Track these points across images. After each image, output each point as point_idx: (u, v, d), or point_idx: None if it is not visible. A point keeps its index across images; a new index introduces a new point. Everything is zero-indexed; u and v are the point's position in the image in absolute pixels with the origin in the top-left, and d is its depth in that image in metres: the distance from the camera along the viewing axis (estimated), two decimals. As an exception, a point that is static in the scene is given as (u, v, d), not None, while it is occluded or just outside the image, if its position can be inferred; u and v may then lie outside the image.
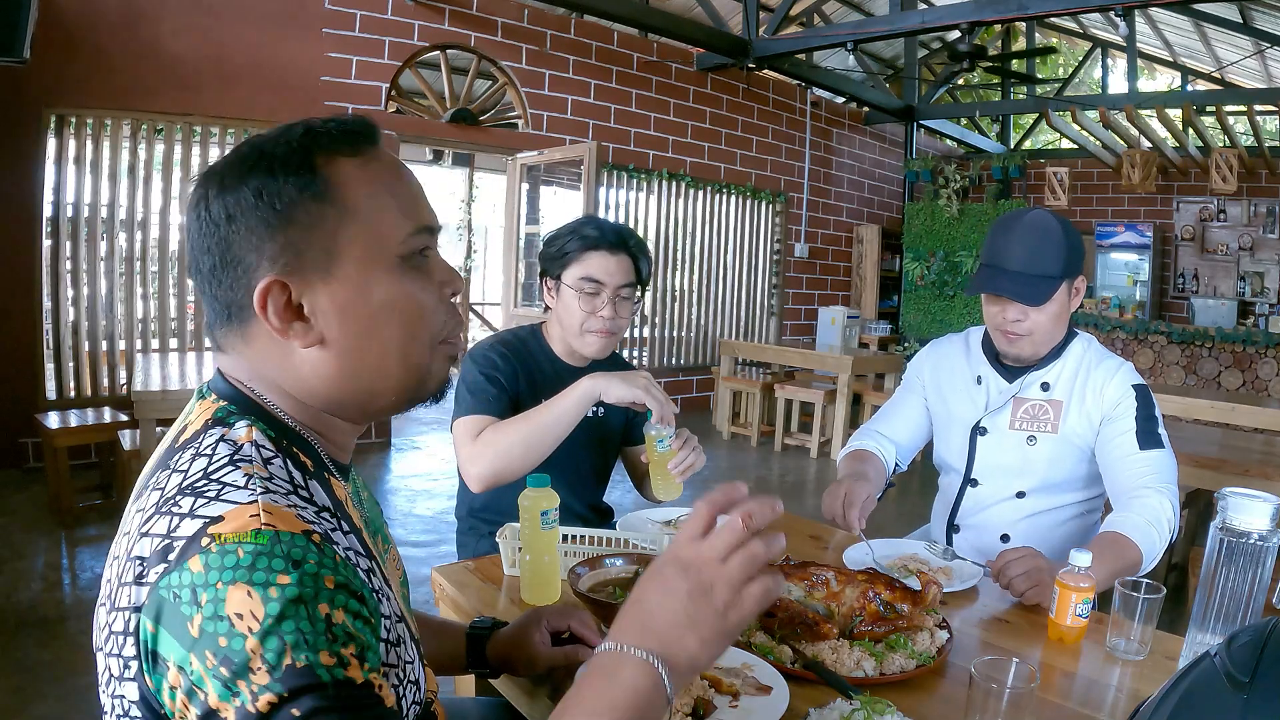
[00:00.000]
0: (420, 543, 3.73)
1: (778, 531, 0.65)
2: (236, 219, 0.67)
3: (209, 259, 0.69)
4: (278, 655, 0.54)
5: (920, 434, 1.86)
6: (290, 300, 0.68)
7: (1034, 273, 1.54)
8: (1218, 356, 5.95)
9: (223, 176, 0.68)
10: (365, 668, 0.58)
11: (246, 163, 0.68)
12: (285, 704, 0.54)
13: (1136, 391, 1.57)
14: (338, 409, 0.74)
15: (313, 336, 0.69)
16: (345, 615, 0.57)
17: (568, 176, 7.17)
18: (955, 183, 7.53)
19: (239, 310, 0.69)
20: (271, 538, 0.57)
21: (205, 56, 4.75)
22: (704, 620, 0.62)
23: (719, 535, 0.63)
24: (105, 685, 0.63)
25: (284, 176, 0.67)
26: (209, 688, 0.54)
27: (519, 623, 1.06)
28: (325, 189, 0.68)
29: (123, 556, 0.62)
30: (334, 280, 0.69)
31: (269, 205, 0.67)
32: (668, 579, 0.63)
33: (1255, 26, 7.52)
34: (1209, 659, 0.58)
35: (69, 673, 2.37)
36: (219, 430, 0.67)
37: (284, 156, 0.68)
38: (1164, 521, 1.42)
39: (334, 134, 0.70)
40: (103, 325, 4.71)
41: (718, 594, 0.62)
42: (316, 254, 0.68)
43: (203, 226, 0.68)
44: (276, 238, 0.67)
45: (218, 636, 0.54)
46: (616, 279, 1.65)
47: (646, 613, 0.63)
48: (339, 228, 0.69)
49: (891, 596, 1.11)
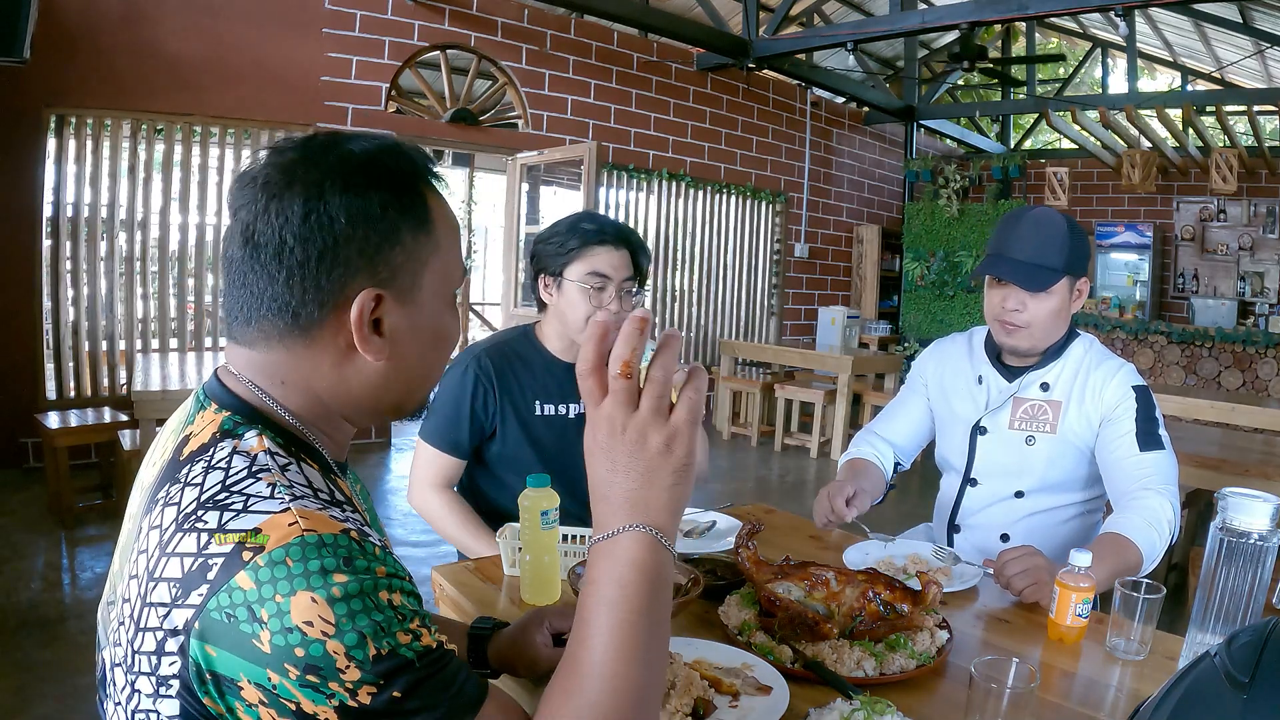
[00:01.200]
0: (420, 543, 3.73)
1: (668, 339, 0.64)
2: (358, 224, 0.68)
3: (304, 249, 0.67)
4: (361, 649, 0.57)
5: (922, 434, 1.87)
6: (374, 314, 0.70)
7: (1036, 262, 1.56)
8: (1218, 356, 5.95)
9: (346, 176, 0.68)
10: (432, 631, 0.62)
11: (371, 171, 0.69)
12: (384, 689, 0.57)
13: (1137, 393, 1.57)
14: (358, 415, 0.76)
15: (384, 353, 0.72)
16: (402, 596, 0.61)
17: (568, 176, 7.18)
18: (955, 183, 7.53)
19: (315, 308, 0.69)
20: (316, 541, 0.58)
21: (205, 56, 4.75)
22: (656, 468, 0.63)
23: (616, 389, 0.63)
24: (125, 701, 0.63)
25: (407, 199, 0.71)
26: (299, 696, 0.56)
27: (520, 624, 1.06)
28: (429, 221, 0.73)
29: (142, 575, 0.62)
30: (412, 304, 0.73)
31: (389, 221, 0.70)
32: (605, 453, 0.64)
33: (1255, 26, 7.52)
34: (1209, 659, 0.58)
35: (69, 673, 2.37)
36: (229, 442, 0.66)
37: (408, 179, 0.72)
38: (1164, 523, 1.42)
39: (431, 168, 0.75)
40: (103, 325, 4.71)
41: (652, 439, 0.63)
42: (407, 277, 0.72)
43: (310, 216, 0.67)
44: (386, 254, 0.70)
45: (293, 648, 0.56)
46: (620, 273, 1.66)
47: (606, 495, 0.64)
48: (429, 259, 0.73)
49: (891, 596, 1.11)
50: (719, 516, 1.67)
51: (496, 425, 1.70)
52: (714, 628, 1.17)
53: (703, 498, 4.62)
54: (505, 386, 1.70)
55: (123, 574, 0.66)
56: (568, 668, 0.62)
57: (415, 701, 0.58)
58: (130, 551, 0.66)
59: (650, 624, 0.62)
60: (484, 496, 1.77)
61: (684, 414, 0.64)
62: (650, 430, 0.63)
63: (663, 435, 0.63)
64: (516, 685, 1.10)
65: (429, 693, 0.59)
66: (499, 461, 1.73)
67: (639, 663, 0.61)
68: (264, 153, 0.71)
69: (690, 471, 0.65)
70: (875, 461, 1.81)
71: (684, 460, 0.64)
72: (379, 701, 0.57)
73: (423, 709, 0.58)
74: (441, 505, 1.68)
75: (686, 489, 0.65)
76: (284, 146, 0.71)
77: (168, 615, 0.59)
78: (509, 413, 1.69)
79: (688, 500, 0.66)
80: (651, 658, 0.62)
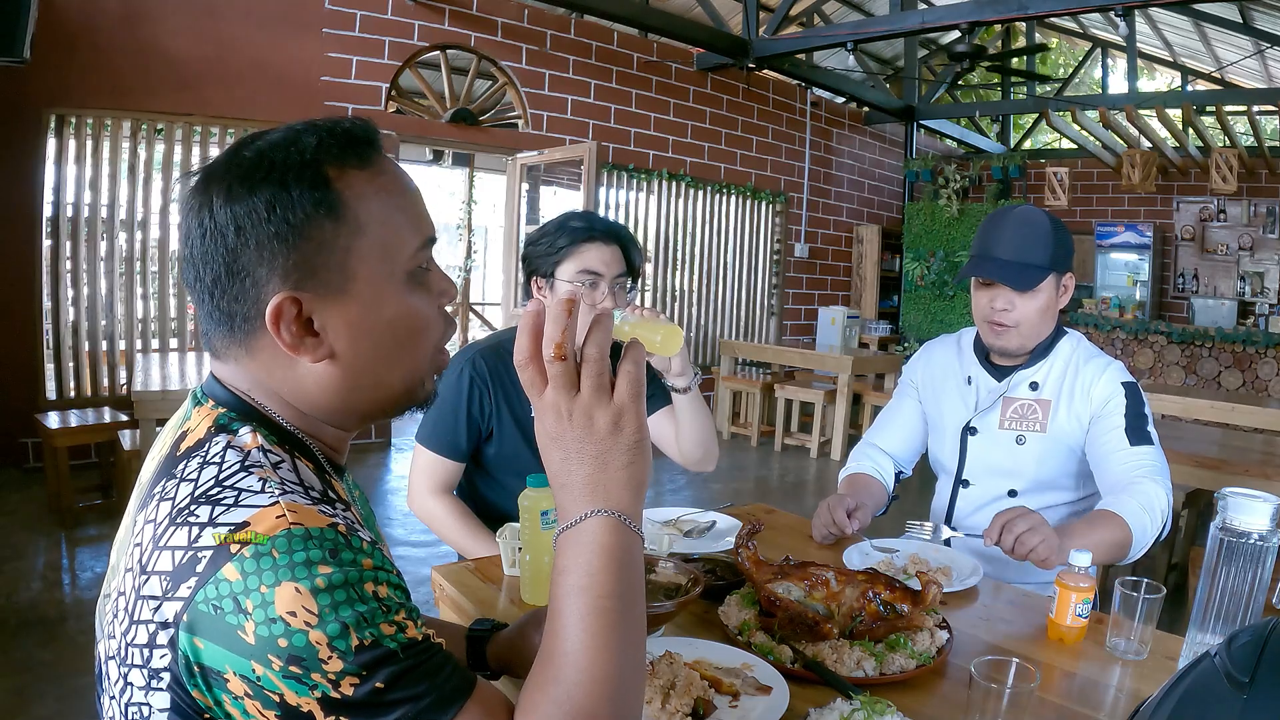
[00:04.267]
0: (420, 543, 3.73)
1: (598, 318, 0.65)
2: (246, 231, 0.65)
3: (211, 269, 0.66)
4: (344, 639, 0.56)
5: (918, 438, 1.87)
6: (300, 315, 0.67)
7: (1022, 261, 1.57)
8: (1218, 356, 5.95)
9: (229, 184, 0.65)
10: (419, 624, 0.61)
11: (256, 172, 0.65)
12: (366, 680, 0.56)
13: (1125, 389, 1.57)
14: (335, 418, 0.74)
15: (322, 352, 0.69)
16: (388, 589, 0.60)
17: (568, 176, 7.17)
18: (955, 183, 7.53)
19: (244, 322, 0.68)
20: (303, 534, 0.58)
21: (205, 56, 4.75)
22: (608, 449, 0.63)
23: (554, 373, 0.63)
24: (119, 694, 0.63)
25: (297, 190, 0.65)
26: (282, 688, 0.56)
27: (519, 624, 1.06)
28: (338, 205, 0.67)
29: (136, 569, 0.62)
30: (345, 297, 0.68)
31: (282, 219, 0.65)
32: (555, 441, 0.64)
33: (1255, 26, 7.52)
34: (1209, 659, 0.58)
35: (69, 673, 2.37)
36: (224, 437, 0.66)
37: (297, 169, 0.66)
38: (1158, 510, 1.41)
39: (343, 144, 0.68)
40: (103, 325, 4.71)
41: (599, 420, 0.63)
42: (329, 271, 0.67)
43: (205, 235, 0.65)
44: (289, 253, 0.66)
45: (276, 639, 0.55)
46: (613, 269, 1.64)
47: (565, 484, 0.64)
48: (352, 244, 0.68)
49: (891, 596, 1.11)
50: (719, 516, 1.67)
51: (493, 427, 1.70)
52: (714, 628, 1.17)
53: (703, 498, 4.62)
54: (501, 388, 1.69)
55: (118, 567, 0.66)
56: (543, 658, 0.63)
57: (398, 693, 0.57)
58: (126, 545, 0.66)
59: (622, 607, 0.62)
60: (482, 498, 1.77)
61: (625, 388, 0.64)
62: (596, 411, 0.63)
63: (609, 415, 0.63)
64: (516, 686, 1.10)
65: (412, 684, 0.58)
66: (496, 463, 1.73)
67: (613, 648, 0.61)
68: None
69: (643, 447, 0.65)
70: (875, 475, 1.81)
71: (635, 437, 0.64)
72: (361, 693, 0.56)
73: (406, 700, 0.58)
74: (443, 510, 1.67)
75: (643, 466, 0.65)
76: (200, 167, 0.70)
77: (158, 608, 0.59)
78: (505, 414, 1.69)
79: (647, 477, 0.67)
80: (626, 642, 0.62)
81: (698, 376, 1.66)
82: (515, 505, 1.26)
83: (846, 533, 1.56)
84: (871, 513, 1.66)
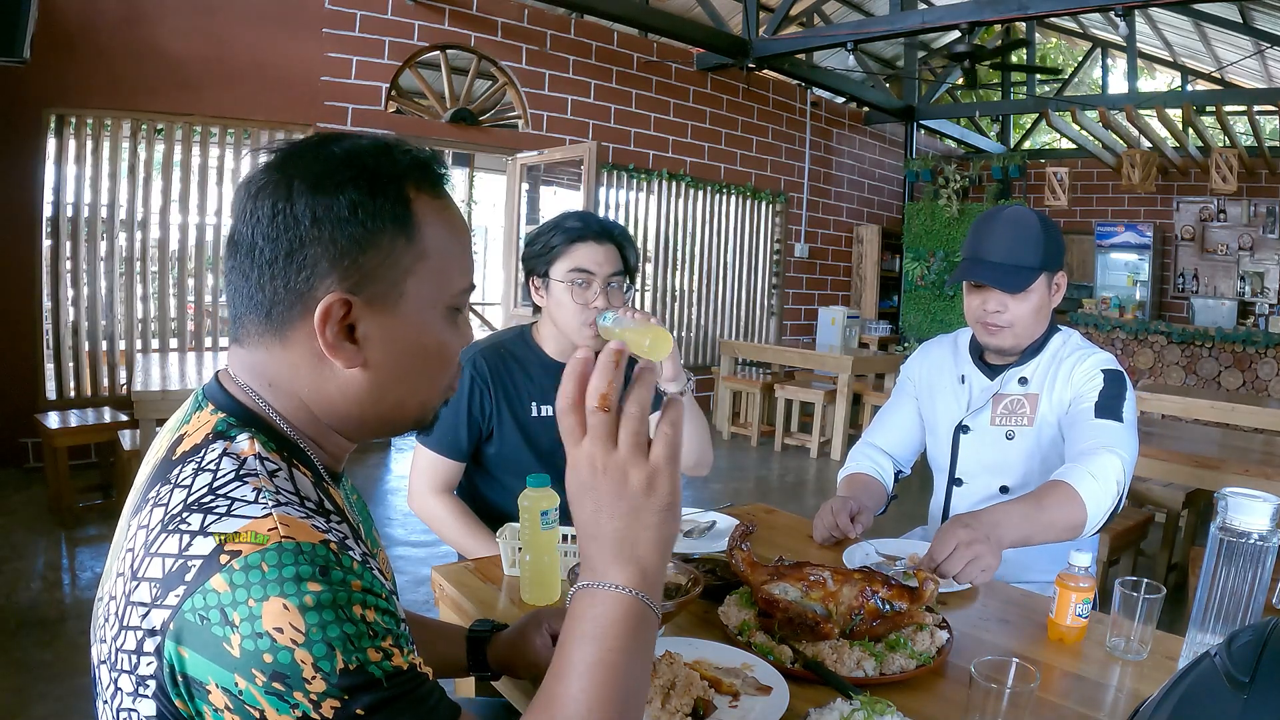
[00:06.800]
0: (420, 543, 3.73)
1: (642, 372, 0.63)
2: (323, 224, 0.66)
3: (272, 249, 0.67)
4: (329, 660, 0.55)
5: (917, 437, 1.88)
6: (346, 319, 0.68)
7: (1013, 263, 1.57)
8: (1218, 356, 5.95)
9: (317, 176, 0.67)
10: (406, 653, 0.60)
11: (345, 171, 0.67)
12: (348, 705, 0.56)
13: (1106, 375, 1.57)
14: (347, 427, 0.74)
15: (357, 360, 0.69)
16: (376, 613, 0.59)
17: (568, 176, 7.16)
18: (955, 183, 7.53)
19: (286, 309, 0.68)
20: (294, 548, 0.57)
21: (205, 56, 4.75)
22: (640, 508, 0.62)
23: (594, 424, 0.62)
24: (110, 699, 0.63)
25: (383, 200, 0.67)
26: (263, 704, 0.55)
27: (519, 625, 1.06)
28: (413, 225, 0.69)
29: (127, 574, 0.62)
30: (393, 313, 0.70)
31: (360, 223, 0.67)
32: (590, 493, 0.62)
33: (1255, 26, 7.52)
34: (1209, 659, 0.58)
35: (69, 673, 2.37)
36: (221, 444, 0.66)
37: (385, 179, 0.68)
38: (1113, 481, 1.39)
39: (425, 169, 0.71)
40: (103, 325, 4.71)
41: (633, 478, 0.62)
42: (386, 284, 0.69)
43: (276, 216, 0.66)
44: (357, 256, 0.67)
45: (261, 654, 0.55)
46: (606, 268, 1.64)
47: (594, 535, 0.63)
48: (414, 265, 0.70)
49: (889, 594, 1.11)
50: (719, 516, 1.67)
51: (493, 427, 1.70)
52: (714, 628, 1.17)
53: (703, 497, 4.62)
54: (501, 388, 1.69)
55: (111, 571, 0.66)
56: (543, 698, 0.61)
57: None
58: (119, 549, 0.66)
59: (627, 663, 0.61)
60: (482, 498, 1.76)
61: (662, 451, 0.62)
62: (631, 469, 0.62)
63: (644, 474, 0.62)
64: (517, 687, 1.10)
65: (394, 715, 0.57)
66: (496, 463, 1.73)
67: (613, 702, 0.60)
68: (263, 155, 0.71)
69: (675, 510, 0.64)
70: (875, 475, 1.81)
71: (668, 500, 0.63)
72: (342, 717, 0.55)
73: None
74: (444, 510, 1.67)
75: (673, 528, 0.64)
76: (275, 148, 0.70)
77: (147, 615, 0.59)
78: (505, 414, 1.69)
79: (675, 539, 0.66)
80: (627, 699, 0.61)
81: (691, 381, 1.66)
82: (515, 505, 1.26)
83: (850, 537, 1.56)
84: (872, 514, 1.66)
